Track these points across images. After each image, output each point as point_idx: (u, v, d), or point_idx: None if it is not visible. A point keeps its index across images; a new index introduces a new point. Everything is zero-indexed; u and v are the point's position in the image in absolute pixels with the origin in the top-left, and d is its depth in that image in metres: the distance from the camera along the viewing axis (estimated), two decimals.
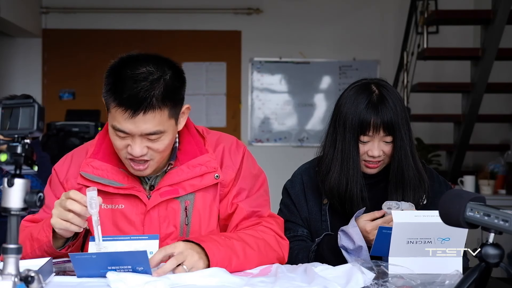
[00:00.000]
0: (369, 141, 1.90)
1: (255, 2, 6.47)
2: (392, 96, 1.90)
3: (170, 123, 1.67)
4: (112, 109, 1.64)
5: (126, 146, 1.66)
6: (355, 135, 1.89)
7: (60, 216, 1.57)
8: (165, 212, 1.74)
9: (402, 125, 1.89)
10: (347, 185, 1.92)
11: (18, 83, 6.42)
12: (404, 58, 5.82)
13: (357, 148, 1.91)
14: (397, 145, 1.90)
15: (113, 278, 1.43)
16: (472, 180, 4.86)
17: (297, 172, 2.11)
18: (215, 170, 1.76)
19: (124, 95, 1.60)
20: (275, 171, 4.18)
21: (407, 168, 1.92)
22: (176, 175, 1.75)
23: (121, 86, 1.61)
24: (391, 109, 1.87)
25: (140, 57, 1.67)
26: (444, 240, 1.65)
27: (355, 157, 1.91)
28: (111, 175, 1.74)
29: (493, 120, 5.74)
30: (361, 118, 1.87)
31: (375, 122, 1.86)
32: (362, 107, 1.88)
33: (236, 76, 6.52)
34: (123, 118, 1.61)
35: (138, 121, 1.61)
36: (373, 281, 1.50)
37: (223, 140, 1.83)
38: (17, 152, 1.17)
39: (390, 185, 1.94)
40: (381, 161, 1.93)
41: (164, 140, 1.67)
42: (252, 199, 1.80)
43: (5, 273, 1.14)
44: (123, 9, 6.45)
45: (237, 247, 1.63)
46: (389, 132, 1.88)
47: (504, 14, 4.58)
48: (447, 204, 1.26)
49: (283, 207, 2.07)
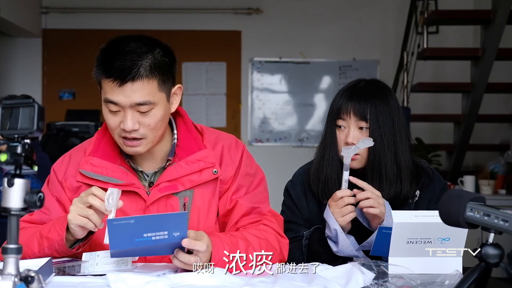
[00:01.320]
0: (344, 127, 1.93)
1: (255, 2, 6.47)
2: (376, 90, 1.94)
3: (160, 96, 1.69)
4: (103, 83, 1.68)
5: (119, 123, 1.68)
6: (333, 121, 1.95)
7: (79, 213, 1.57)
8: (164, 208, 1.75)
9: (381, 115, 1.90)
10: (324, 168, 1.96)
11: (18, 83, 6.42)
12: (404, 58, 5.81)
13: (334, 133, 1.95)
14: (373, 134, 1.90)
15: (113, 278, 1.44)
16: (472, 180, 4.86)
17: (297, 172, 2.12)
18: (213, 165, 1.77)
19: (113, 66, 1.64)
20: (275, 171, 4.19)
21: (385, 161, 1.91)
22: (175, 171, 1.76)
23: (110, 59, 1.66)
24: (366, 97, 1.91)
25: (129, 36, 1.72)
26: (444, 240, 1.65)
27: (333, 142, 1.96)
28: (111, 172, 1.75)
29: (493, 120, 5.74)
30: (338, 103, 1.95)
31: (346, 105, 1.92)
32: (340, 94, 1.97)
33: (236, 76, 6.52)
34: (113, 88, 1.65)
35: (127, 90, 1.64)
36: (373, 281, 1.50)
37: (222, 139, 1.85)
38: (17, 152, 1.17)
39: (367, 176, 1.92)
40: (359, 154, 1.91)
41: (156, 114, 1.69)
42: (252, 195, 1.81)
43: (5, 273, 1.14)
44: (123, 9, 6.45)
45: (241, 246, 1.65)
46: (361, 117, 1.90)
47: (504, 14, 4.58)
48: (447, 204, 1.26)
49: (285, 208, 2.08)
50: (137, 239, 1.48)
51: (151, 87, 1.66)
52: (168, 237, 1.49)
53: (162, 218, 1.51)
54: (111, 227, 1.48)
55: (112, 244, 1.50)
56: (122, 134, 1.69)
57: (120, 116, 1.68)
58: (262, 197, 1.84)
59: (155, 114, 1.69)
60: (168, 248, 1.54)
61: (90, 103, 5.54)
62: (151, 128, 1.69)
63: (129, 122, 1.66)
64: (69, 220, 1.58)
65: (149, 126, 1.69)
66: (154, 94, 1.67)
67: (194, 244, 1.53)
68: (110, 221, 1.49)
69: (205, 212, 1.77)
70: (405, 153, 1.94)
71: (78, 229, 1.59)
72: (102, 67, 1.67)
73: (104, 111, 1.71)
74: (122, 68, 1.64)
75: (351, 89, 1.96)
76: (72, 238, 1.64)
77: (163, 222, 1.49)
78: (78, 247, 1.66)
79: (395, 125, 1.92)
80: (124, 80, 1.63)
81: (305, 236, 1.94)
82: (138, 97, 1.65)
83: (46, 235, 1.65)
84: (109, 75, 1.65)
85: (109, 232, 1.49)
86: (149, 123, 1.68)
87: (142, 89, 1.65)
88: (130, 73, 1.63)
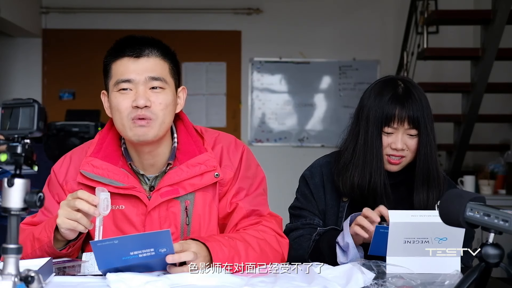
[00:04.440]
0: (392, 133, 1.89)
1: (255, 2, 6.47)
2: (418, 91, 1.91)
3: (171, 81, 1.75)
4: (113, 66, 1.72)
5: (131, 103, 1.68)
6: (379, 127, 1.89)
7: (68, 216, 1.56)
8: (166, 213, 1.74)
9: (428, 121, 1.88)
10: (371, 177, 1.90)
11: (18, 83, 6.42)
12: (404, 58, 5.81)
13: (380, 140, 1.89)
14: (422, 139, 1.88)
15: (113, 279, 1.43)
16: (472, 180, 4.86)
17: (317, 163, 2.08)
18: (214, 168, 1.76)
19: (129, 45, 1.71)
20: (275, 171, 4.20)
21: (432, 164, 1.90)
22: (176, 175, 1.75)
23: (125, 42, 1.73)
24: (416, 102, 1.87)
25: None
26: (441, 240, 1.65)
27: (379, 149, 1.89)
28: (112, 175, 1.74)
29: (493, 120, 5.73)
30: (385, 110, 1.87)
31: (400, 113, 1.86)
32: (386, 99, 1.88)
33: (236, 76, 6.52)
34: (127, 65, 1.70)
35: (142, 64, 1.70)
36: (373, 281, 1.50)
37: (222, 140, 1.84)
38: (17, 152, 1.17)
39: (416, 181, 1.91)
40: (403, 157, 1.91)
41: (167, 95, 1.72)
42: (251, 197, 1.80)
43: (5, 273, 1.14)
44: (123, 9, 6.45)
45: (240, 247, 1.64)
46: (414, 126, 1.87)
47: (504, 14, 4.57)
48: (447, 204, 1.26)
49: (300, 195, 2.05)
50: (124, 257, 1.48)
51: (164, 68, 1.73)
52: (155, 253, 1.48)
53: (146, 237, 1.50)
54: (96, 249, 1.48)
55: (100, 264, 1.50)
56: (132, 114, 1.68)
57: (132, 95, 1.69)
58: (262, 200, 1.83)
59: (166, 94, 1.72)
60: (159, 263, 1.53)
61: (90, 103, 5.54)
62: (161, 108, 1.70)
63: (141, 98, 1.67)
64: (58, 224, 1.58)
65: (160, 105, 1.70)
66: (166, 75, 1.73)
67: (179, 257, 1.51)
68: (95, 243, 1.49)
69: (206, 215, 1.77)
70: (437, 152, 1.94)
71: (69, 232, 1.60)
72: (116, 50, 1.73)
73: (114, 97, 1.71)
74: (138, 46, 1.71)
75: (397, 93, 1.88)
76: (63, 239, 1.64)
77: (148, 241, 1.48)
78: (68, 247, 1.66)
79: (433, 128, 1.91)
80: (140, 54, 1.70)
81: (318, 231, 1.91)
82: (152, 71, 1.70)
83: (37, 237, 1.66)
84: (124, 52, 1.70)
85: (94, 253, 1.49)
86: (160, 101, 1.70)
87: (156, 66, 1.71)
88: (145, 50, 1.71)
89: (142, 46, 1.71)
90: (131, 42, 1.73)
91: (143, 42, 1.72)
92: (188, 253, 1.52)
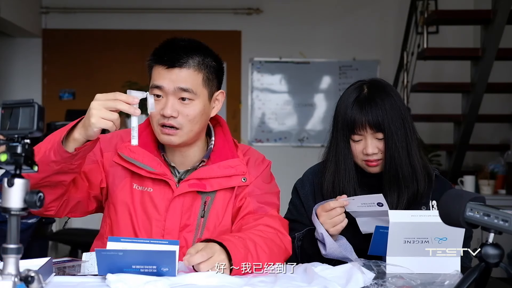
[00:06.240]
0: (361, 140, 1.92)
1: (255, 2, 6.47)
2: (382, 95, 1.91)
3: (203, 91, 1.79)
4: (153, 69, 1.78)
5: (161, 110, 1.75)
6: (346, 134, 1.93)
7: (104, 116, 1.58)
8: (188, 204, 1.81)
9: (393, 122, 1.89)
10: (339, 183, 1.94)
11: (18, 83, 6.42)
12: (404, 58, 5.82)
13: (348, 147, 1.93)
14: (388, 142, 1.90)
15: (113, 279, 1.43)
16: (472, 180, 4.86)
17: (308, 172, 2.11)
18: (243, 174, 1.85)
19: (166, 53, 1.77)
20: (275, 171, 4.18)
21: (400, 165, 1.90)
22: (206, 171, 1.84)
23: (164, 48, 1.80)
24: (377, 107, 1.88)
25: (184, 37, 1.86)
26: (441, 240, 1.65)
27: (347, 156, 1.94)
28: (146, 160, 1.82)
29: (493, 120, 5.74)
30: (348, 118, 1.91)
31: (360, 120, 1.89)
32: (350, 107, 1.91)
33: (236, 76, 6.52)
34: (160, 73, 1.76)
35: (173, 74, 1.75)
36: (373, 281, 1.50)
37: (252, 153, 1.94)
38: (17, 152, 1.17)
39: (384, 183, 1.93)
40: (380, 159, 1.92)
41: (195, 106, 1.77)
42: (262, 197, 1.86)
43: (5, 273, 1.14)
44: (123, 9, 6.45)
45: (251, 247, 1.66)
46: (378, 129, 1.89)
47: (504, 14, 4.57)
48: (447, 204, 1.26)
49: (292, 206, 2.08)
50: (126, 269, 1.49)
51: (196, 79, 1.77)
52: (157, 271, 1.49)
53: (151, 254, 1.50)
54: (100, 257, 1.49)
55: (100, 271, 1.51)
56: (160, 121, 1.77)
57: (162, 103, 1.76)
58: (272, 202, 1.88)
59: (195, 106, 1.77)
60: None
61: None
62: (189, 120, 1.77)
63: (169, 107, 1.74)
64: (92, 124, 1.57)
65: (187, 117, 1.76)
66: (197, 86, 1.77)
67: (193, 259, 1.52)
68: (99, 251, 1.50)
69: (222, 213, 1.84)
70: (415, 149, 1.94)
71: (97, 131, 1.60)
72: (156, 54, 1.79)
73: None
74: (174, 55, 1.76)
75: (358, 99, 1.91)
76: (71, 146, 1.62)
77: (152, 258, 1.49)
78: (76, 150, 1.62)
79: (405, 124, 1.91)
80: (173, 65, 1.75)
81: (297, 237, 1.93)
82: (182, 82, 1.74)
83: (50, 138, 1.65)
84: (161, 60, 1.76)
85: (97, 260, 1.50)
86: (187, 113, 1.76)
87: (188, 77, 1.75)
88: (179, 61, 1.75)
89: (179, 55, 1.76)
90: (170, 48, 1.78)
91: (182, 50, 1.77)
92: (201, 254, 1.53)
